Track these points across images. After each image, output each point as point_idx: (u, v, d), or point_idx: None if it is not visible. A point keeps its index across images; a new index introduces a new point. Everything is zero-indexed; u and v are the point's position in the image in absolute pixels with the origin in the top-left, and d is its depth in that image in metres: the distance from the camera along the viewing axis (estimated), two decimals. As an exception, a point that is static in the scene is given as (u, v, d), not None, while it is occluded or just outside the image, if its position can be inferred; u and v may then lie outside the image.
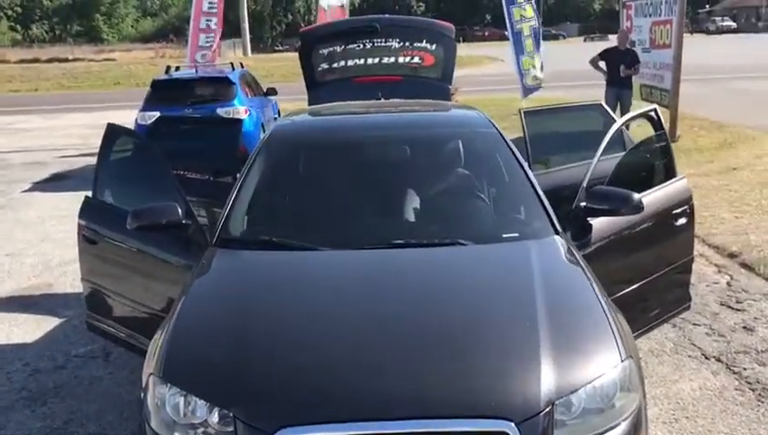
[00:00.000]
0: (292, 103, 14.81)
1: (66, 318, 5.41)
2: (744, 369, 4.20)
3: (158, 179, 4.02)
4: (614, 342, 2.69)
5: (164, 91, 10.89)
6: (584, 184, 3.77)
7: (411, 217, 3.57)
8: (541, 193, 3.63)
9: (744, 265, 5.96)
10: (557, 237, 3.39)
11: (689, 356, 4.37)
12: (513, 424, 2.34)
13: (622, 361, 2.61)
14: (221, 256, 3.39)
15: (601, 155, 3.96)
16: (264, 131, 11.12)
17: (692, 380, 4.06)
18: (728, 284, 5.62)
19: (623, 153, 4.40)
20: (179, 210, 3.62)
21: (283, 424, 2.35)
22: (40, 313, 5.52)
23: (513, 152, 3.88)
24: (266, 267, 3.25)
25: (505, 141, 3.99)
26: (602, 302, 2.94)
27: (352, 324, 2.79)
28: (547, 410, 2.39)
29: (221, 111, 10.86)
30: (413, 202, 3.66)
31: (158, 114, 8.71)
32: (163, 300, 3.91)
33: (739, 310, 5.08)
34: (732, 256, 6.18)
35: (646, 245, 4.10)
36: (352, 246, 3.33)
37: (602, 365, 2.58)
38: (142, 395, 2.77)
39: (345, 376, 2.51)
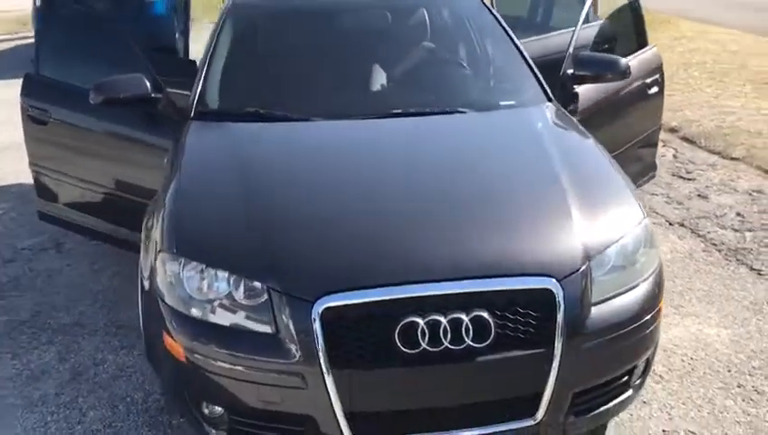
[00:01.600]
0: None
1: (2, 210, 5.02)
2: (708, 232, 4.37)
3: (116, 50, 3.66)
4: (634, 200, 2.70)
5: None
6: (570, 51, 3.71)
7: (404, 86, 3.41)
8: (530, 61, 3.55)
9: (686, 139, 6.16)
10: (550, 104, 3.34)
11: (655, 223, 4.50)
12: (555, 280, 2.31)
13: (643, 218, 2.63)
14: (206, 129, 3.15)
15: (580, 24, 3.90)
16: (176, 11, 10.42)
17: (662, 244, 4.20)
18: (674, 156, 5.79)
19: (597, 22, 4.36)
20: (147, 83, 3.33)
21: (325, 291, 2.23)
22: (-30, 206, 5.10)
23: (497, 19, 3.75)
24: (263, 138, 3.04)
25: (488, 8, 3.85)
26: (612, 163, 2.94)
27: (378, 191, 2.66)
28: (584, 266, 2.38)
29: (130, -7, 10.09)
30: (404, 71, 3.49)
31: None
32: (126, 179, 3.65)
33: (690, 179, 5.27)
34: (673, 130, 6.35)
35: (623, 113, 4.11)
36: (347, 117, 3.17)
37: (627, 223, 2.58)
38: (146, 276, 2.60)
39: (382, 241, 2.40)
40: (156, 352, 2.57)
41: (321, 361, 2.20)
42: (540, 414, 2.30)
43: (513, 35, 3.68)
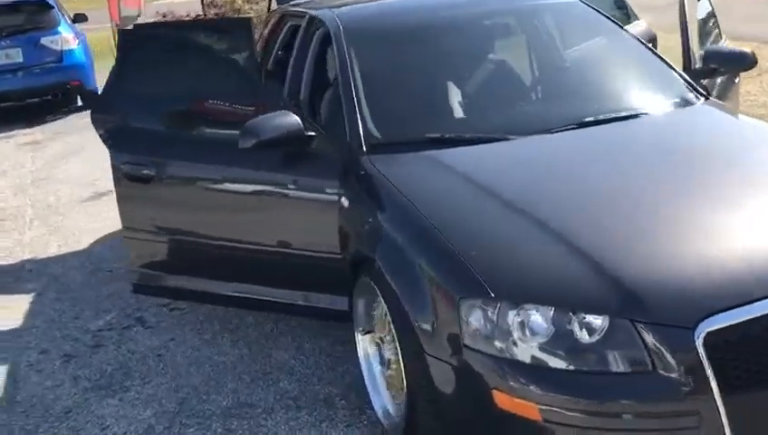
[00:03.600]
0: (97, 33, 13.10)
1: (36, 291, 4.32)
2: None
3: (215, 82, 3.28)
4: None
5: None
6: (694, 47, 3.70)
7: (576, 94, 3.22)
8: (665, 58, 3.49)
9: None
10: (711, 100, 3.29)
11: None
12: None
13: None
14: (398, 162, 2.81)
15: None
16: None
17: None
18: None
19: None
20: (298, 119, 2.96)
21: (704, 314, 2.00)
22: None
23: (611, 20, 3.67)
24: (488, 162, 2.75)
25: (597, 10, 3.76)
26: None
27: (663, 202, 2.44)
28: None
29: (46, 41, 9.23)
30: (563, 78, 3.31)
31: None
32: (262, 231, 3.21)
33: None
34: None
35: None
36: (540, 131, 2.94)
37: None
38: (430, 327, 2.26)
39: (724, 253, 2.19)
40: (478, 420, 2.22)
41: (715, 392, 1.98)
42: None
43: (634, 35, 3.62)
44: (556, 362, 2.05)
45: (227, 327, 3.66)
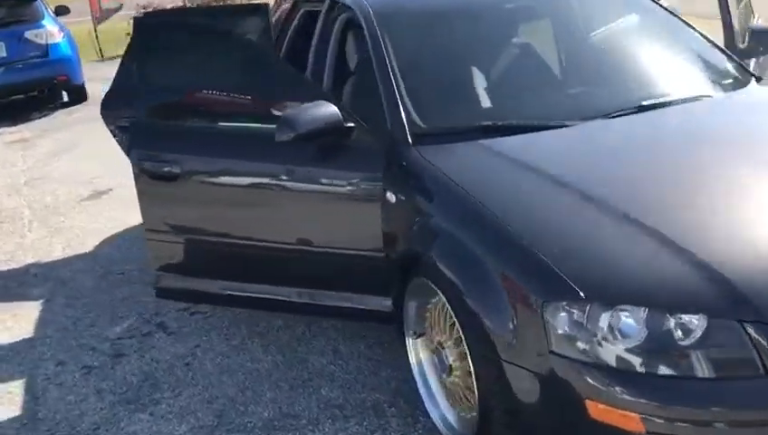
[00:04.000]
0: (78, 26, 12.76)
1: (44, 297, 4.09)
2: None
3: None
4: None
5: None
6: (740, 26, 3.55)
7: (629, 77, 3.04)
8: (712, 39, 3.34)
9: None
10: (762, 80, 3.14)
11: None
12: None
13: None
14: (451, 153, 2.62)
15: None
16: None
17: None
18: None
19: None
20: (337, 110, 2.77)
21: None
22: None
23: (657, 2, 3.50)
24: (555, 152, 2.57)
25: None
26: None
27: (740, 187, 2.29)
28: None
29: (30, 35, 8.91)
30: (615, 61, 3.12)
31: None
32: (297, 228, 3.01)
33: None
34: None
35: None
36: (597, 116, 2.76)
37: None
38: (508, 336, 2.08)
39: None
40: (567, 432, 2.05)
41: None
42: None
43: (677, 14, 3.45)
44: (658, 368, 1.88)
45: (256, 331, 3.47)
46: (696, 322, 1.89)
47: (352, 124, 2.81)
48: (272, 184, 3.00)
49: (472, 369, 2.25)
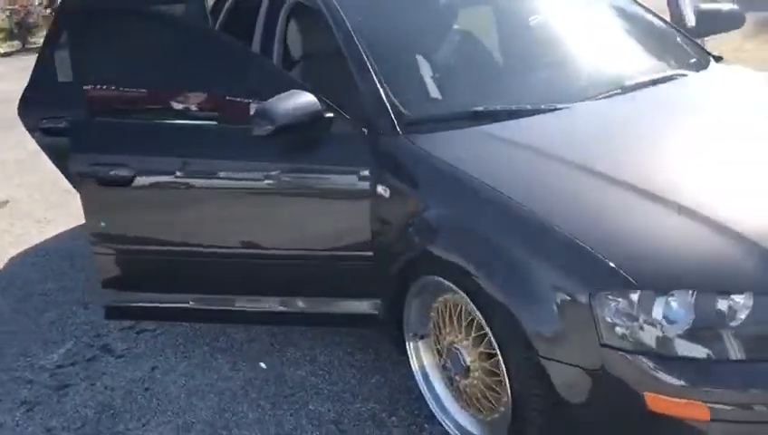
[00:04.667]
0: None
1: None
2: None
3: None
4: None
5: None
6: (687, 6, 3.60)
7: (608, 59, 2.98)
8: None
9: None
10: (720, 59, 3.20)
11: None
12: None
13: None
14: (448, 141, 2.46)
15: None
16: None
17: None
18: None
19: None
20: (315, 99, 2.56)
21: None
22: None
23: None
24: (561, 134, 2.45)
25: None
26: None
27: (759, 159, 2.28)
28: None
29: None
30: (592, 44, 3.05)
31: None
32: (289, 232, 2.75)
33: None
34: None
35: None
36: (586, 98, 2.69)
37: None
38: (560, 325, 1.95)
39: None
40: (624, 427, 1.94)
41: None
42: None
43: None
44: (713, 352, 1.81)
45: (217, 347, 3.17)
46: (742, 301, 1.84)
47: (331, 114, 2.60)
48: (241, 184, 2.74)
49: (504, 369, 2.11)
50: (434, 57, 2.87)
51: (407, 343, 2.57)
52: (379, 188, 2.52)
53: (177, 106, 2.77)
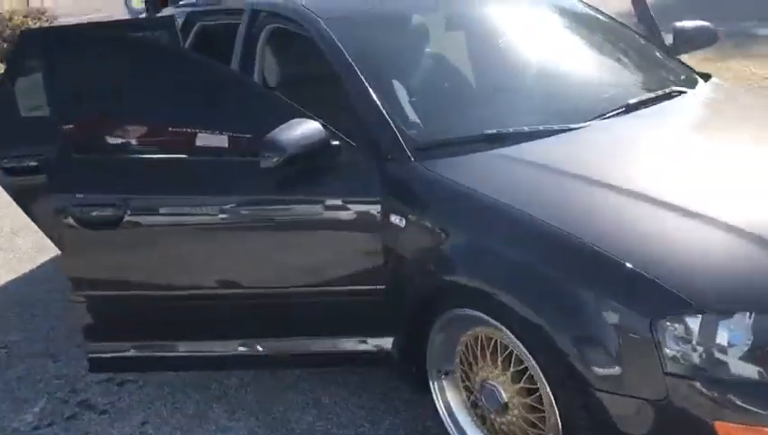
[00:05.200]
0: None
1: None
2: None
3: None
4: None
5: None
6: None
7: (606, 78, 2.95)
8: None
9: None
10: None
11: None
12: None
13: None
14: (463, 167, 2.36)
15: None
16: None
17: None
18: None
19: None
20: (320, 126, 2.42)
21: None
22: None
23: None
24: (576, 155, 2.37)
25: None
26: None
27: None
28: None
29: None
30: (589, 65, 3.02)
31: None
32: (293, 269, 2.58)
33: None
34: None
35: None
36: (593, 117, 2.62)
37: None
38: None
39: None
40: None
41: None
42: None
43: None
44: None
45: (210, 395, 2.95)
46: None
47: (337, 142, 2.47)
48: (242, 220, 2.55)
49: (551, 404, 2.00)
50: (438, 80, 2.78)
51: (430, 381, 2.43)
52: (393, 218, 2.39)
53: (169, 139, 2.58)
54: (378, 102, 2.52)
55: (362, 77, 2.58)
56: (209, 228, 2.58)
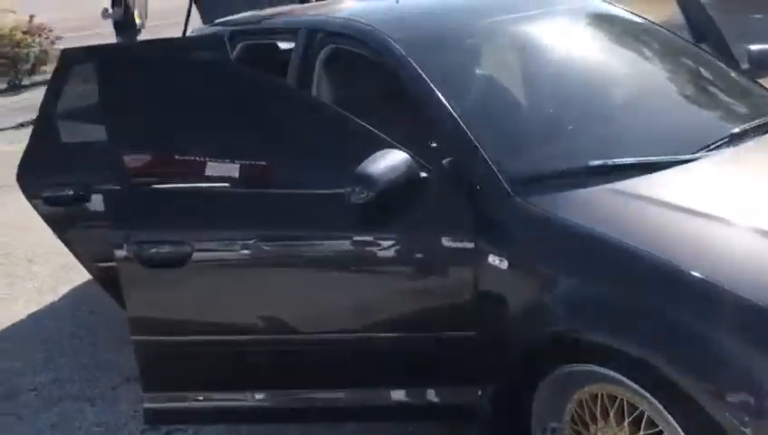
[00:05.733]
0: None
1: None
2: None
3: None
4: None
5: None
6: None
7: (707, 106, 2.77)
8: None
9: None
10: None
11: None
12: None
13: None
14: (578, 199, 2.14)
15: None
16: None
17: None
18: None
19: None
20: (408, 156, 2.21)
21: None
22: None
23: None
24: (699, 190, 2.15)
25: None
26: None
27: None
28: None
29: None
30: (693, 94, 2.84)
31: None
32: (375, 313, 2.35)
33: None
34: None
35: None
36: (695, 148, 2.42)
37: None
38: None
39: None
40: None
41: None
42: None
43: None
44: None
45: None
46: None
47: (425, 174, 2.25)
48: (322, 258, 2.32)
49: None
50: (533, 107, 2.57)
51: (534, 441, 2.20)
52: (491, 259, 2.16)
53: (243, 172, 2.34)
54: (466, 130, 2.31)
55: (451, 107, 2.35)
56: (288, 268, 2.33)
